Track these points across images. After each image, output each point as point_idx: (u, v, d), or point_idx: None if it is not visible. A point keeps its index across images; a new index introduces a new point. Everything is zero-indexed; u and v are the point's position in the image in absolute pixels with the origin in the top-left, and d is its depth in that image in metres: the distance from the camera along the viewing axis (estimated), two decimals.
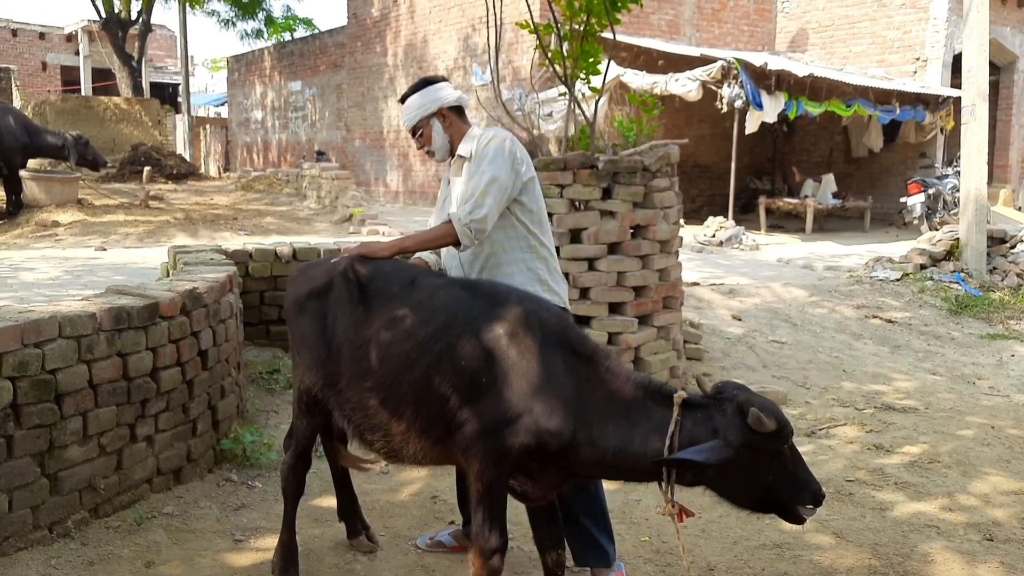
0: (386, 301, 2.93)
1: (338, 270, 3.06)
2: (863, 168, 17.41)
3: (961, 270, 9.30)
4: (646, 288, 5.77)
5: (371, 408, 2.89)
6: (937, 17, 16.05)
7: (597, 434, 2.64)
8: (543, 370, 2.67)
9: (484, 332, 2.73)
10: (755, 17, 18.35)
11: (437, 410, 2.75)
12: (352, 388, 2.93)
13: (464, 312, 2.80)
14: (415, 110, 3.38)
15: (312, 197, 14.24)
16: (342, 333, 2.96)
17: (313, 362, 3.05)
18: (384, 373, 2.84)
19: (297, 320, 3.17)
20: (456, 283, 3.07)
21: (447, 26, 16.91)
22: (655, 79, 13.71)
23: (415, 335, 2.80)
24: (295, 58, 22.74)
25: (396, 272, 3.08)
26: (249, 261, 5.69)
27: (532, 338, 2.71)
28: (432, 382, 2.75)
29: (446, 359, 2.73)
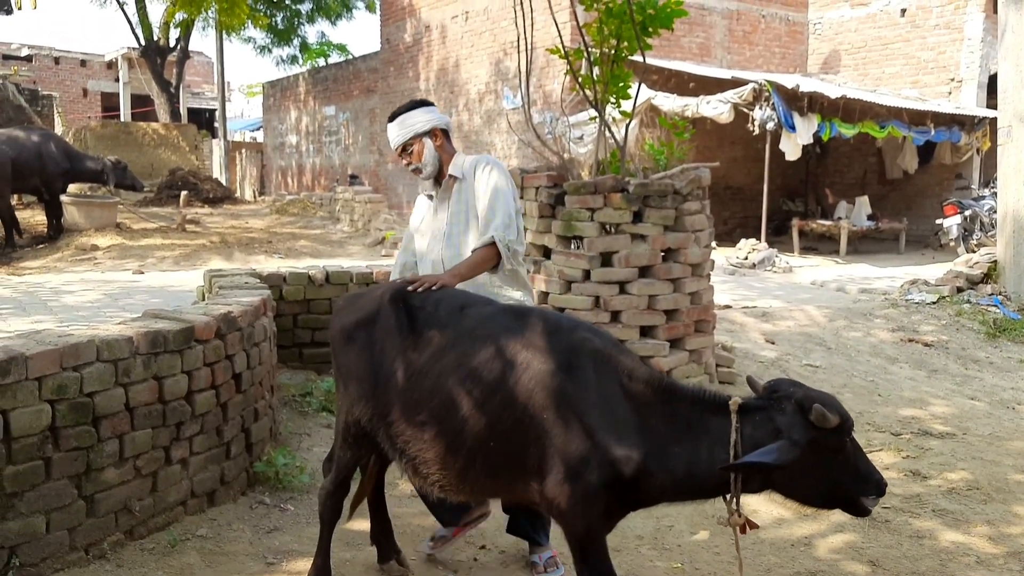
0: (436, 329, 2.88)
1: (386, 299, 3.02)
2: (898, 190, 17.22)
3: (999, 293, 9.13)
4: (677, 311, 5.75)
5: (426, 441, 2.81)
6: (972, 38, 15.91)
7: (666, 458, 2.59)
8: (604, 400, 2.61)
9: (539, 365, 2.66)
10: (787, 39, 18.31)
11: (497, 447, 2.68)
12: (405, 420, 2.85)
13: (516, 343, 2.73)
14: (410, 127, 3.51)
15: (345, 220, 14.39)
16: (392, 363, 2.89)
17: (362, 393, 2.98)
18: (437, 405, 2.77)
19: (345, 350, 3.09)
20: (506, 311, 2.98)
21: (478, 51, 17.08)
22: (686, 102, 13.71)
23: (466, 366, 2.74)
24: (329, 83, 23.08)
25: (445, 299, 3.01)
26: (283, 284, 5.76)
27: (588, 368, 2.65)
28: (488, 417, 2.68)
29: (500, 393, 2.67)
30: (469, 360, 2.74)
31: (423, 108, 3.55)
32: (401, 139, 3.52)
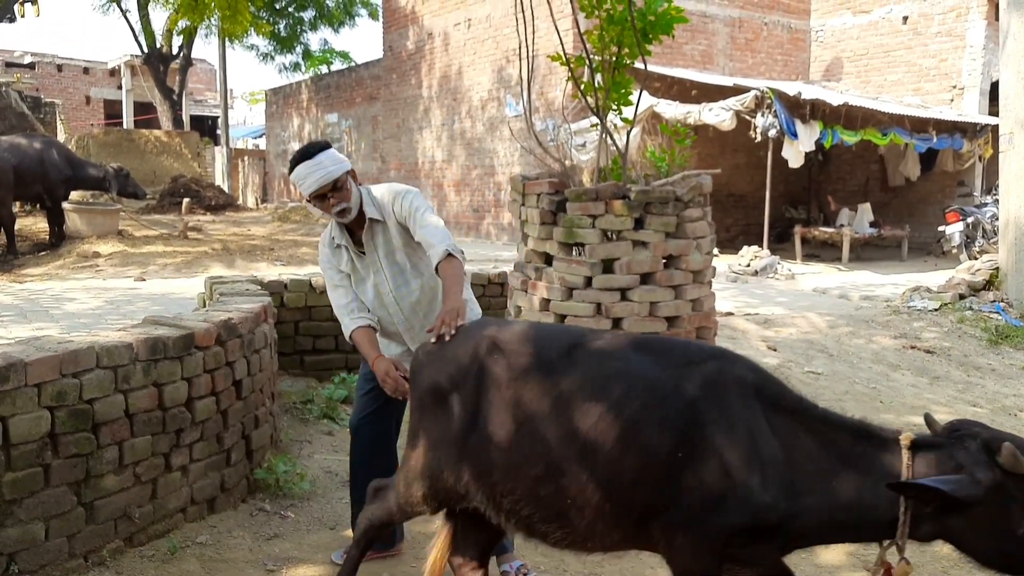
0: (548, 374, 2.57)
1: (484, 349, 2.70)
2: (900, 197, 17.22)
3: (1001, 300, 9.11)
4: (679, 318, 5.73)
5: (546, 498, 2.52)
6: (974, 45, 15.92)
7: (818, 497, 2.34)
8: (747, 434, 2.36)
9: (673, 399, 2.43)
10: (789, 47, 18.33)
11: (630, 495, 2.44)
12: (516, 478, 2.56)
13: (646, 377, 2.49)
14: (331, 165, 3.29)
15: None
16: (499, 417, 2.60)
17: (455, 453, 2.68)
18: (559, 458, 2.49)
19: (433, 409, 2.77)
20: (625, 343, 2.70)
21: (481, 58, 17.12)
22: (688, 109, 13.72)
23: (593, 411, 2.47)
24: (332, 90, 23.13)
25: (549, 338, 2.72)
26: (284, 291, 5.76)
27: (729, 399, 2.41)
28: (621, 463, 2.43)
29: (635, 434, 2.42)
30: (596, 404, 2.47)
31: (329, 150, 3.38)
32: (330, 176, 3.27)
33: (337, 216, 3.35)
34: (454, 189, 18.06)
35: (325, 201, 3.33)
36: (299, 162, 3.31)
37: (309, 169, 3.29)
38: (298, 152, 3.37)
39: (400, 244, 3.42)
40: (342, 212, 3.34)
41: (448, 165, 18.22)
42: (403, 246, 3.42)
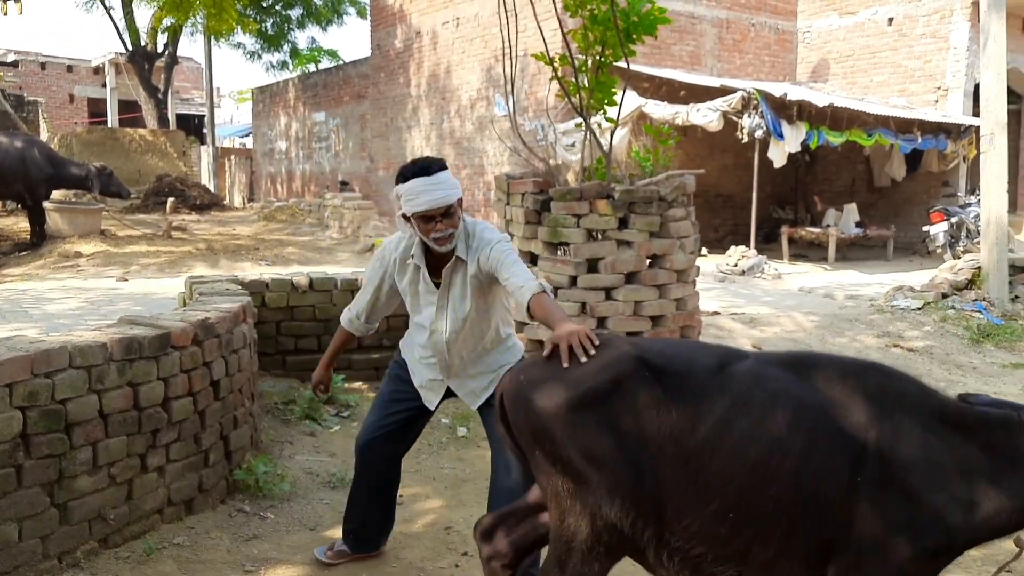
0: (703, 397, 2.35)
1: (627, 368, 2.40)
2: (886, 197, 17.29)
3: (983, 299, 9.16)
4: (663, 317, 5.74)
5: (722, 537, 2.31)
6: (958, 47, 16.00)
7: (993, 504, 2.28)
8: (923, 451, 2.26)
9: (844, 418, 2.30)
10: (776, 47, 18.37)
11: (811, 528, 2.28)
12: (688, 516, 2.32)
13: (810, 400, 2.33)
14: (450, 188, 3.07)
15: (334, 227, 14.36)
16: (655, 446, 2.33)
17: (616, 488, 2.33)
18: (736, 491, 2.29)
19: (574, 437, 2.36)
20: (774, 362, 2.50)
21: (470, 57, 17.08)
22: (676, 109, 13.74)
23: (764, 437, 2.28)
24: (319, 89, 23.04)
25: (693, 356, 2.50)
26: (265, 291, 5.72)
27: (900, 416, 2.30)
28: (800, 493, 2.26)
29: (810, 460, 2.26)
30: (764, 429, 2.29)
31: (447, 168, 3.14)
32: (447, 199, 3.04)
33: (436, 243, 3.12)
34: None
35: (429, 223, 3.08)
36: (415, 176, 3.05)
37: (426, 187, 3.03)
38: (415, 165, 3.10)
39: (471, 290, 3.24)
40: (445, 240, 3.11)
41: None
42: (477, 291, 3.25)
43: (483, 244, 3.17)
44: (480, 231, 3.21)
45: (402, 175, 3.10)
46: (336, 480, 4.53)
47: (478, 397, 3.40)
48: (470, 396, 3.41)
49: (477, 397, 3.40)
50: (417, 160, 3.13)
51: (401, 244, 3.34)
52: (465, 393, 3.41)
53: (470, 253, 3.19)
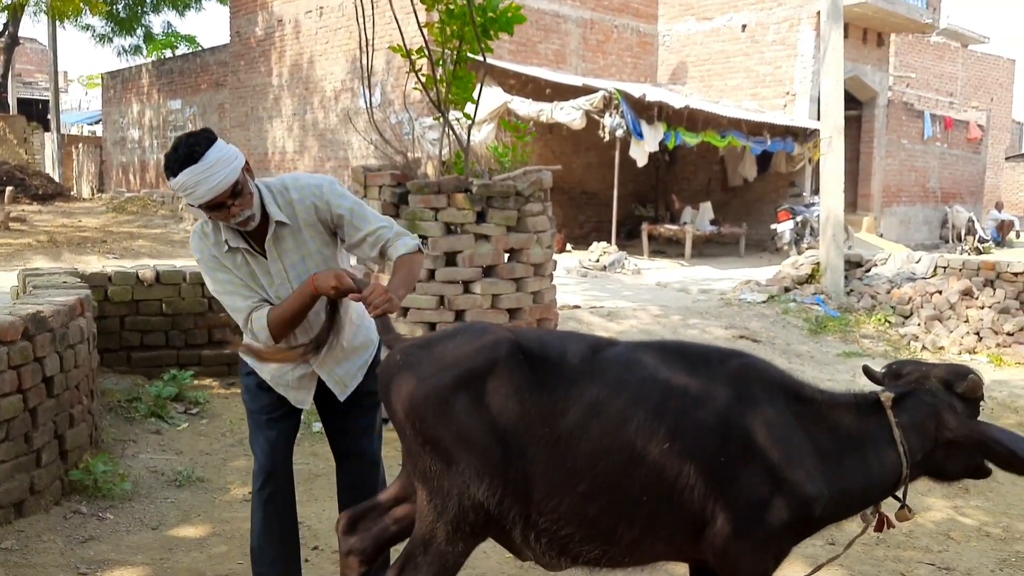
0: (574, 382, 2.39)
1: (502, 350, 2.39)
2: (739, 196, 18.18)
3: (821, 292, 9.80)
4: (520, 310, 5.84)
5: (589, 517, 2.36)
6: (804, 54, 17.00)
7: (842, 479, 2.43)
8: (783, 430, 2.39)
9: (707, 402, 2.39)
10: (638, 49, 18.97)
11: (680, 506, 2.35)
12: (557, 496, 2.36)
13: (678, 381, 2.42)
14: (226, 167, 2.60)
15: (189, 219, 13.82)
16: (529, 428, 2.35)
17: (486, 469, 2.34)
18: (604, 472, 2.34)
19: (444, 419, 2.36)
20: (643, 347, 2.58)
21: (334, 47, 16.78)
22: (541, 107, 13.98)
23: (633, 419, 2.34)
24: (175, 76, 22.07)
25: (566, 343, 2.52)
26: (108, 285, 5.46)
27: (760, 396, 2.42)
28: (668, 474, 2.33)
29: (677, 442, 2.34)
30: (635, 412, 2.35)
31: (218, 141, 2.67)
32: (228, 181, 2.60)
33: (239, 226, 2.71)
34: None
35: (223, 210, 2.65)
36: (182, 166, 2.58)
37: (199, 175, 2.57)
38: (178, 152, 2.60)
39: (314, 248, 2.86)
40: (246, 221, 2.70)
41: (300, 156, 17.77)
42: (317, 251, 2.87)
43: (307, 192, 2.81)
44: (293, 182, 2.85)
45: (168, 168, 2.62)
46: (183, 478, 4.40)
47: (346, 387, 2.99)
48: (338, 385, 2.97)
49: (346, 387, 2.99)
50: (177, 146, 2.62)
51: (207, 232, 2.81)
52: (334, 382, 2.96)
53: (289, 208, 2.79)
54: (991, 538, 4.14)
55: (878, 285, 9.92)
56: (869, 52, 18.27)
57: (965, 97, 27.07)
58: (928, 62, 26.58)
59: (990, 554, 3.96)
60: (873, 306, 9.55)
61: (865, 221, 18.10)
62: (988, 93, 29.08)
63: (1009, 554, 3.98)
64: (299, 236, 2.82)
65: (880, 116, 18.76)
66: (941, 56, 27.42)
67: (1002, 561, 3.89)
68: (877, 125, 18.73)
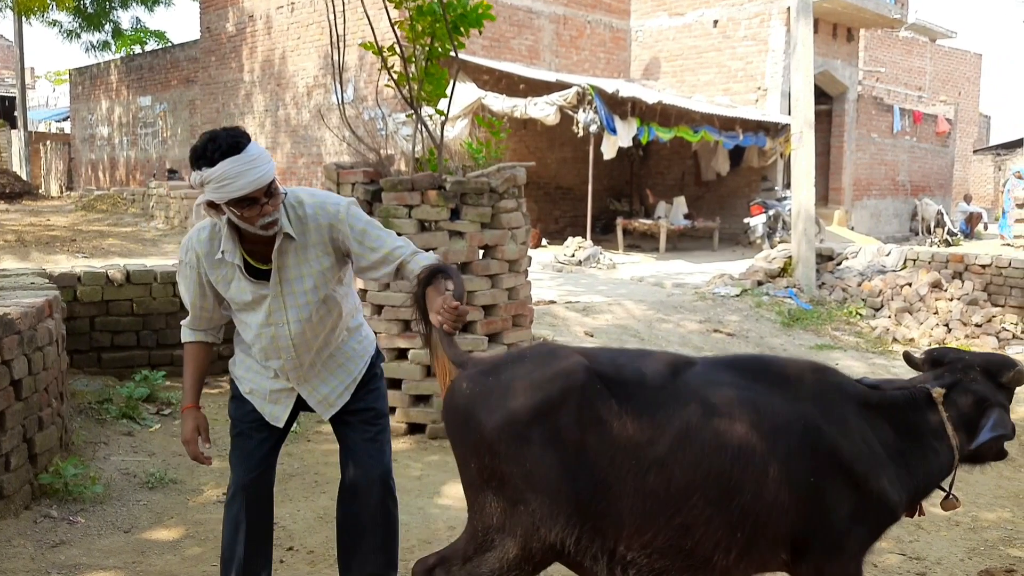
0: (658, 407, 2.27)
1: (578, 378, 2.25)
2: (712, 191, 18.30)
3: (794, 285, 9.89)
4: (495, 307, 5.85)
5: (687, 549, 2.25)
6: (775, 49, 17.12)
7: (911, 480, 2.49)
8: (864, 441, 2.40)
9: (797, 421, 2.34)
10: (611, 45, 19.01)
11: (774, 530, 2.30)
12: (651, 530, 2.23)
13: (764, 402, 2.35)
14: (267, 162, 2.55)
15: (160, 217, 13.65)
16: (610, 461, 2.21)
17: (560, 508, 2.19)
18: (702, 503, 2.24)
19: (518, 453, 2.20)
20: (722, 366, 2.51)
21: (306, 43, 16.66)
22: (515, 103, 13.97)
23: (727, 446, 2.26)
24: (144, 72, 21.80)
25: (642, 365, 2.40)
26: (77, 285, 5.40)
27: (840, 410, 2.41)
28: (763, 498, 2.27)
29: (772, 465, 2.28)
30: (726, 438, 2.26)
31: (253, 142, 2.60)
32: (267, 176, 2.53)
33: (262, 229, 2.59)
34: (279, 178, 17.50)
35: (254, 207, 2.54)
36: (224, 155, 2.48)
37: (242, 166, 2.48)
38: (217, 142, 2.50)
39: (317, 269, 2.74)
40: (271, 223, 2.60)
41: (272, 153, 17.60)
42: (320, 271, 2.74)
43: (322, 212, 2.71)
44: (310, 197, 2.75)
45: (204, 157, 2.50)
46: (155, 480, 4.35)
47: (332, 406, 2.88)
48: (322, 405, 2.87)
49: (331, 406, 2.88)
50: (217, 135, 2.53)
51: (202, 236, 2.71)
52: (317, 401, 2.86)
53: (299, 224, 2.69)
54: (960, 527, 4.21)
55: (849, 278, 10.03)
56: (839, 47, 18.44)
57: (933, 91, 27.41)
58: (897, 57, 26.90)
59: (959, 543, 4.02)
60: (844, 299, 9.66)
61: (836, 214, 18.28)
62: (956, 87, 29.47)
63: (977, 543, 4.05)
64: (303, 253, 2.72)
65: (850, 110, 18.94)
66: (909, 51, 27.75)
67: (971, 550, 3.96)
68: (847, 119, 18.91)
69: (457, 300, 2.47)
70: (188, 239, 2.76)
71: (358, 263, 2.79)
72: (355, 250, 2.74)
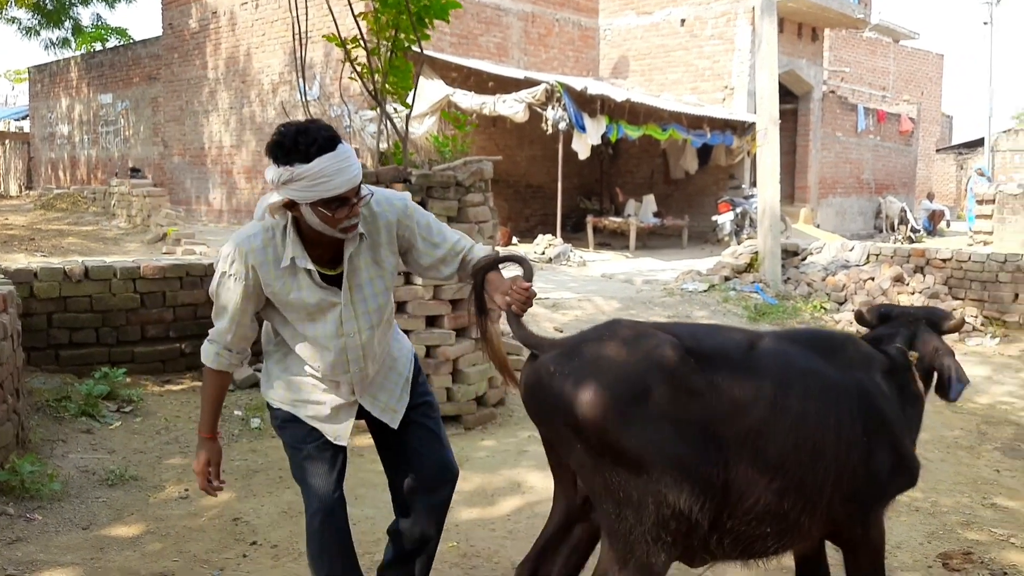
0: (746, 378, 2.35)
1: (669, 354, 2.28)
2: (681, 189, 18.41)
3: (760, 280, 9.97)
4: (462, 301, 5.81)
5: (784, 512, 2.36)
6: (741, 48, 17.26)
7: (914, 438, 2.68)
8: (894, 404, 2.59)
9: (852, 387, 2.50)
10: (579, 43, 19.05)
11: (842, 491, 2.45)
12: (753, 496, 2.31)
13: (827, 372, 2.49)
14: (356, 159, 2.38)
15: (122, 216, 13.43)
16: (713, 430, 2.27)
17: (682, 474, 2.23)
18: (795, 467, 2.36)
19: (629, 425, 2.22)
20: (784, 339, 2.61)
21: (271, 39, 16.49)
22: (484, 100, 13.95)
23: (810, 414, 2.38)
24: (105, 69, 21.46)
25: (720, 339, 2.50)
26: (34, 281, 5.29)
27: (876, 377, 2.60)
28: (839, 462, 2.42)
29: (843, 430, 2.43)
30: (810, 405, 2.39)
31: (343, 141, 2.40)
32: (359, 176, 2.35)
33: (343, 232, 2.40)
34: (244, 176, 17.31)
35: (344, 208, 2.34)
36: (321, 151, 2.27)
37: (339, 163, 2.29)
38: (309, 136, 2.28)
39: (388, 271, 2.57)
40: (355, 225, 2.41)
41: (237, 151, 17.44)
42: (391, 274, 2.59)
43: (388, 206, 2.52)
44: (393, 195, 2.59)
45: (296, 152, 2.27)
46: (115, 477, 4.27)
47: (396, 412, 2.70)
48: (387, 413, 2.68)
49: (395, 412, 2.70)
50: (307, 128, 2.32)
51: (255, 244, 2.45)
52: (381, 410, 2.68)
53: (370, 222, 2.50)
54: (920, 512, 4.26)
55: (814, 273, 10.13)
56: (804, 47, 18.64)
57: (897, 91, 27.83)
58: (861, 57, 27.27)
59: (919, 528, 4.07)
60: (809, 293, 9.76)
61: (803, 213, 18.47)
62: (918, 87, 29.94)
63: (936, 527, 4.09)
64: (375, 254, 2.53)
65: (815, 109, 19.15)
66: (873, 51, 28.15)
67: (930, 534, 4.00)
68: (813, 119, 19.12)
69: (527, 282, 2.42)
70: (236, 248, 2.47)
71: (419, 261, 2.61)
72: (419, 247, 2.58)
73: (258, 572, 3.46)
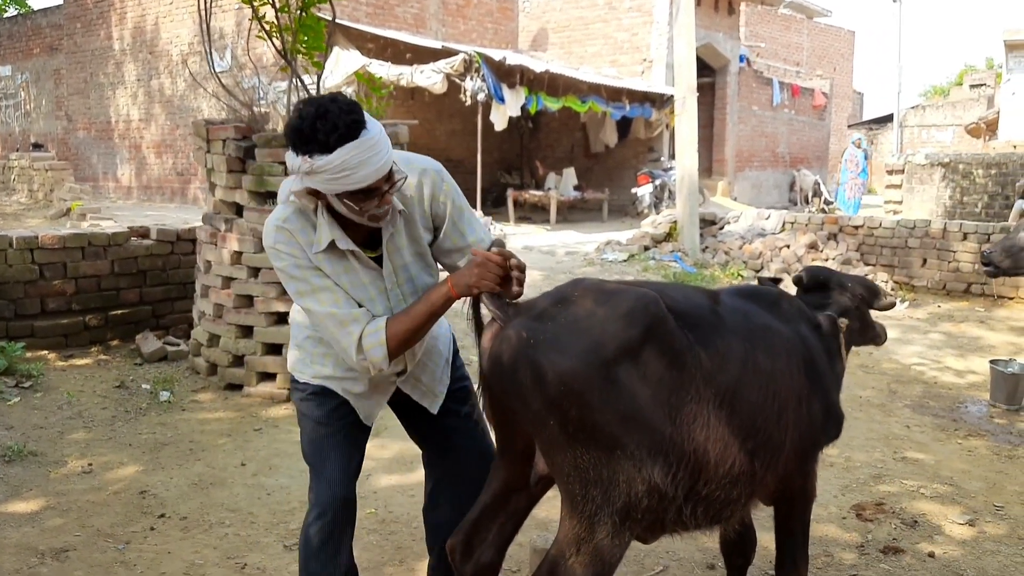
0: (718, 336, 2.22)
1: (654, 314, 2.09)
2: (601, 163, 18.53)
3: (679, 250, 10.11)
4: None
5: (756, 474, 2.25)
6: (659, 21, 17.40)
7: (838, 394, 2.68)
8: (824, 357, 2.60)
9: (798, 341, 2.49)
10: (498, 15, 18.91)
11: (797, 442, 2.39)
12: (729, 459, 2.18)
13: (779, 326, 2.47)
14: (386, 140, 2.10)
15: (22, 191, 12.81)
16: (692, 392, 2.12)
17: (659, 444, 2.06)
18: (764, 425, 2.26)
19: (608, 396, 2.01)
20: (733, 294, 2.52)
21: (179, 8, 15.88)
22: (401, 70, 13.71)
23: (775, 369, 2.31)
24: (3, 40, 20.37)
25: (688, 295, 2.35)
26: None
27: (809, 330, 2.61)
28: (796, 415, 2.36)
29: (795, 383, 2.37)
30: (772, 361, 2.31)
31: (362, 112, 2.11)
32: (390, 158, 2.09)
33: (371, 220, 2.16)
34: (154, 151, 16.70)
35: (373, 198, 2.10)
36: (344, 139, 2.00)
37: (364, 153, 2.02)
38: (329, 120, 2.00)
39: (426, 248, 2.35)
40: (384, 215, 2.16)
41: (146, 125, 16.79)
42: (428, 251, 2.36)
43: (425, 177, 2.29)
44: (405, 163, 2.27)
45: (315, 140, 2.01)
46: (12, 453, 4.06)
47: (436, 395, 2.54)
48: (427, 396, 2.53)
49: (436, 395, 2.54)
50: (327, 109, 2.02)
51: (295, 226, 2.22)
52: (422, 393, 2.52)
53: (405, 194, 2.26)
54: (834, 468, 4.37)
55: (731, 241, 10.31)
56: (721, 20, 18.90)
57: (810, 67, 28.54)
58: (776, 32, 27.83)
59: (833, 482, 4.18)
60: (727, 261, 9.93)
61: (720, 185, 18.82)
62: (831, 63, 30.77)
63: (850, 481, 4.21)
64: (414, 230, 2.29)
65: (732, 83, 19.48)
66: (788, 27, 28.76)
67: (844, 487, 4.11)
68: (730, 92, 19.45)
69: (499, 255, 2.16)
70: (280, 232, 2.22)
71: (441, 244, 2.36)
72: (447, 229, 2.34)
73: (166, 544, 3.33)
